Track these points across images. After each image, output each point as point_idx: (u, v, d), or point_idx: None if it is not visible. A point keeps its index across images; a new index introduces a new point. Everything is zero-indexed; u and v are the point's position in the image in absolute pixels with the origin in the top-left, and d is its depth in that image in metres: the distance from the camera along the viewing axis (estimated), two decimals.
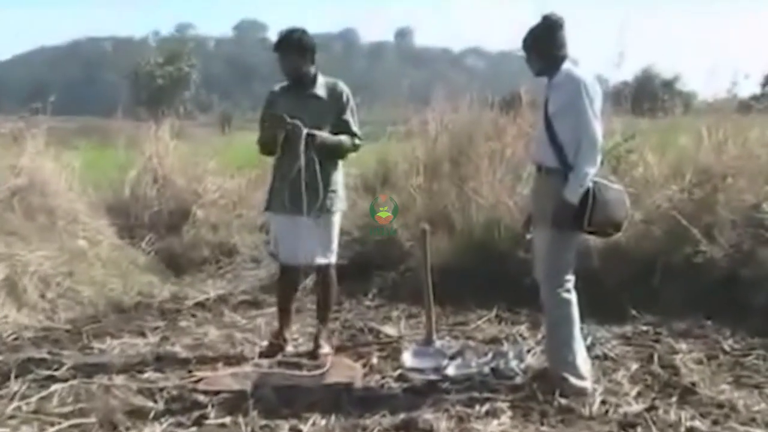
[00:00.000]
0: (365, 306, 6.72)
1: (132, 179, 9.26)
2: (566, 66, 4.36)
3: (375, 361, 5.17)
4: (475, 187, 7.45)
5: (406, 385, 4.73)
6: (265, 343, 5.49)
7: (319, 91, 5.16)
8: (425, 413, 4.22)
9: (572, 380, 4.41)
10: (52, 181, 7.84)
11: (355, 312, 6.53)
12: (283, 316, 5.45)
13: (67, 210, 7.71)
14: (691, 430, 4.02)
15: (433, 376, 4.80)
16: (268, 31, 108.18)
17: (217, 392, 4.56)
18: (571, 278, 4.47)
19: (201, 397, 4.50)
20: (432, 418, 4.16)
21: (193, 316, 6.56)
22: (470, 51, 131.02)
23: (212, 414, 4.28)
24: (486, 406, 4.31)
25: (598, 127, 4.30)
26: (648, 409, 4.23)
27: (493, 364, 4.88)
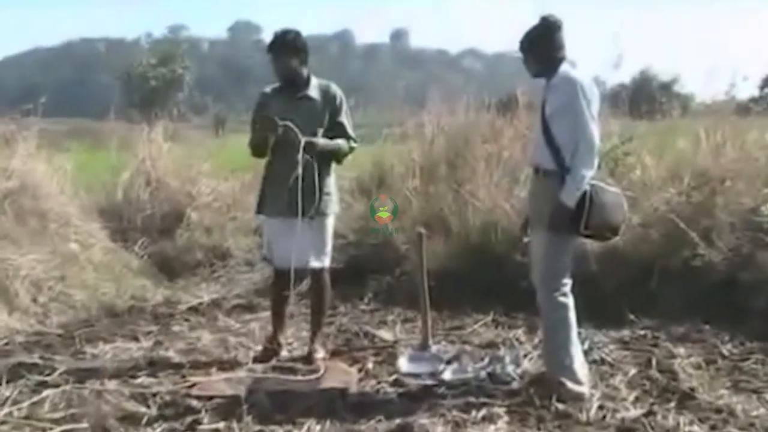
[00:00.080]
0: (360, 310, 6.68)
1: (125, 182, 9.22)
2: (564, 68, 4.35)
3: (370, 365, 5.15)
4: (472, 190, 7.43)
5: (401, 390, 4.71)
6: (259, 348, 5.48)
7: (312, 93, 5.13)
8: (421, 418, 4.21)
9: (569, 385, 4.39)
10: (44, 184, 7.81)
11: (350, 316, 6.50)
12: (278, 321, 5.42)
13: (59, 213, 7.67)
14: None
15: (429, 381, 4.78)
16: (263, 32, 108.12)
17: (211, 397, 4.53)
18: (568, 282, 4.46)
19: (194, 403, 4.48)
20: (428, 423, 4.16)
21: (187, 320, 6.52)
22: (467, 52, 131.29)
23: (206, 419, 4.26)
24: (482, 411, 4.29)
25: (595, 130, 4.29)
26: (646, 415, 4.22)
27: (489, 369, 4.87)
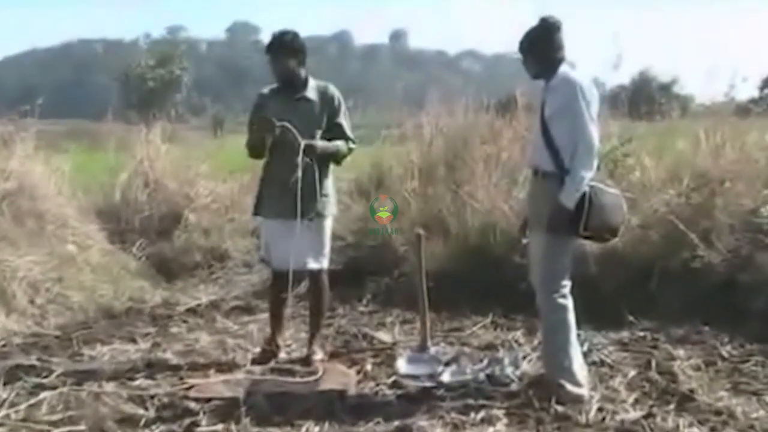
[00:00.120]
0: (359, 312, 6.67)
1: (122, 183, 9.22)
2: (563, 69, 4.34)
3: (369, 367, 5.14)
4: (471, 192, 7.42)
5: (400, 392, 4.70)
6: (257, 350, 5.46)
7: (310, 94, 5.12)
8: (420, 420, 4.20)
9: (569, 387, 4.38)
10: (42, 185, 7.80)
11: (348, 318, 6.48)
12: (276, 322, 5.41)
13: (57, 214, 7.65)
14: None
15: (428, 383, 4.77)
16: (261, 33, 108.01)
17: (209, 399, 4.52)
18: (567, 283, 4.45)
19: (192, 405, 4.47)
20: (427, 425, 4.15)
21: (185, 322, 6.50)
22: (466, 53, 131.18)
23: (204, 421, 4.25)
24: (481, 413, 4.28)
25: (594, 131, 4.28)
26: (645, 417, 4.21)
27: (488, 371, 4.85)
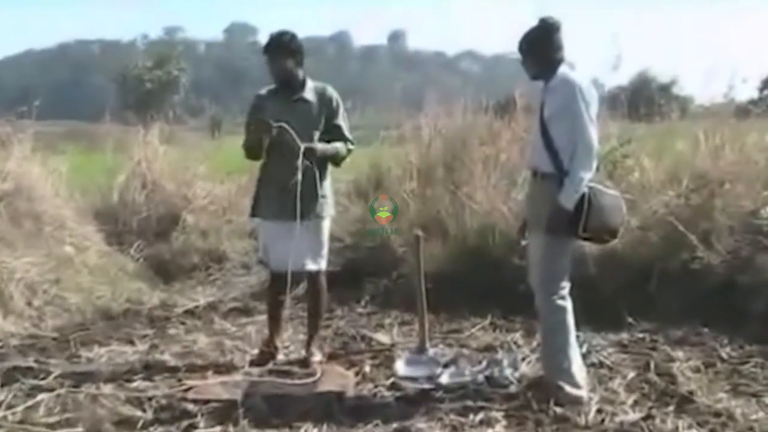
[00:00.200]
0: (357, 313, 6.66)
1: (120, 184, 9.22)
2: (562, 70, 4.34)
3: (367, 369, 5.13)
4: (469, 193, 7.41)
5: (399, 394, 4.69)
6: (255, 351, 5.44)
7: (308, 96, 5.11)
8: (418, 422, 4.21)
9: (568, 389, 4.38)
10: (39, 186, 7.79)
11: (347, 319, 6.47)
12: (274, 324, 5.39)
13: (54, 216, 7.65)
14: None
15: (427, 385, 4.76)
16: (259, 34, 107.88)
17: (207, 401, 4.51)
18: (566, 285, 4.44)
19: (190, 407, 4.46)
20: (425, 427, 4.15)
21: (183, 323, 6.49)
22: (464, 54, 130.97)
23: (202, 423, 4.24)
24: (480, 415, 4.28)
25: (593, 132, 4.27)
26: (645, 418, 4.20)
27: (487, 373, 4.84)
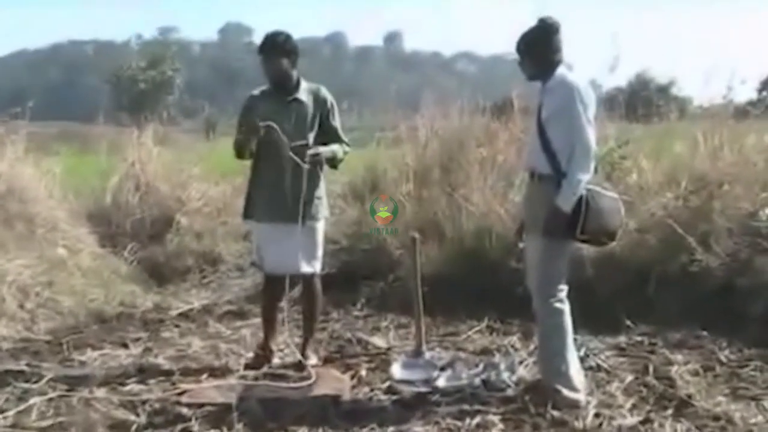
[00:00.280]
0: (353, 316, 6.64)
1: (114, 186, 9.22)
2: (560, 71, 4.33)
3: (363, 372, 5.12)
4: (466, 195, 7.40)
5: (395, 398, 4.68)
6: (250, 355, 5.44)
7: (302, 96, 5.10)
8: (415, 426, 4.21)
9: (565, 392, 4.37)
10: (32, 188, 7.81)
11: (343, 322, 6.45)
12: (269, 327, 5.37)
13: (47, 218, 7.65)
14: None
15: (423, 388, 4.74)
16: (254, 35, 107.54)
17: (202, 405, 4.51)
18: (564, 288, 4.43)
19: (185, 410, 4.46)
20: (422, 431, 4.17)
21: (177, 326, 6.47)
22: (461, 55, 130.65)
23: (196, 427, 4.25)
24: (477, 419, 4.27)
25: (591, 134, 4.26)
26: (643, 422, 4.20)
27: (484, 376, 4.82)
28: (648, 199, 6.76)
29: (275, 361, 5.30)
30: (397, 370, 4.98)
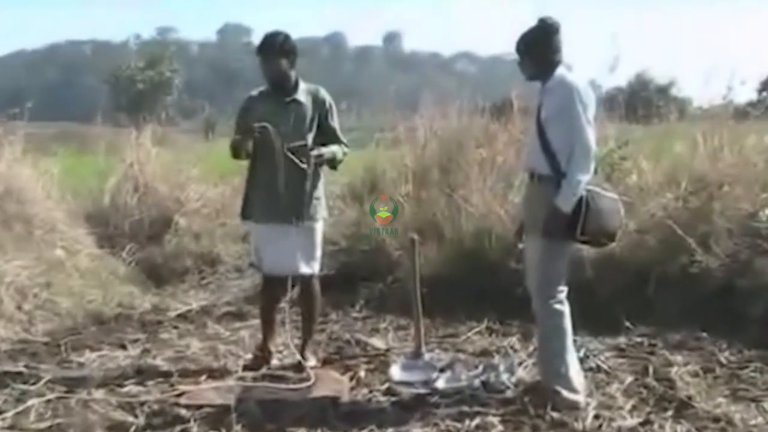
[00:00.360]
0: (352, 317, 6.63)
1: (112, 187, 9.20)
2: (560, 71, 4.33)
3: (362, 374, 5.11)
4: (465, 196, 7.38)
5: (394, 399, 4.67)
6: (249, 356, 5.43)
7: (301, 97, 5.09)
8: (414, 428, 4.21)
9: (565, 393, 4.36)
10: (30, 189, 7.79)
11: (341, 324, 6.44)
12: (268, 328, 5.36)
13: (45, 218, 7.64)
14: None
15: (422, 390, 4.73)
16: (253, 35, 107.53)
17: (200, 406, 4.51)
18: (563, 289, 4.42)
19: (183, 412, 4.45)
20: None
21: (175, 327, 6.46)
22: (461, 55, 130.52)
23: (195, 429, 4.24)
24: (476, 421, 4.27)
25: (591, 134, 4.25)
26: (643, 424, 4.20)
27: (483, 378, 4.81)
28: (648, 200, 6.75)
29: (274, 362, 5.30)
30: (396, 372, 4.97)
